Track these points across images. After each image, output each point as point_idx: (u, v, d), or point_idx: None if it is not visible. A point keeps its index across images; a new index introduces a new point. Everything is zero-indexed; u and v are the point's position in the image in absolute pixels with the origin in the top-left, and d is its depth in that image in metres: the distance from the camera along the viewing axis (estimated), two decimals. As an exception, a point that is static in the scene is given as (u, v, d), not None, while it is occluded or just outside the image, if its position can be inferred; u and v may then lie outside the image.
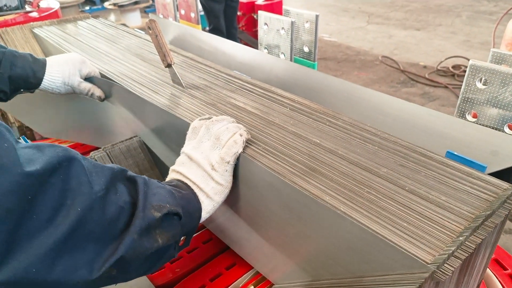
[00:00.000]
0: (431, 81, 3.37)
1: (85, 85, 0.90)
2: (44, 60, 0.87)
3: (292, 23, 1.03)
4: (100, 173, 0.45)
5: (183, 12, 1.50)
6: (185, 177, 0.58)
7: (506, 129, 0.67)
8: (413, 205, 0.47)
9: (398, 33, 4.62)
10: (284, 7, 1.10)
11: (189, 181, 0.57)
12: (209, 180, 0.57)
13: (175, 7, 1.47)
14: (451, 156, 0.60)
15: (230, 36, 3.32)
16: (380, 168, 0.54)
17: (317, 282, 0.54)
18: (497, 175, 0.54)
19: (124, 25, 1.34)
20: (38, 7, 2.39)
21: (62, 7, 2.74)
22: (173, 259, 0.61)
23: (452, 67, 3.48)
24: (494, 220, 0.45)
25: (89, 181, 0.43)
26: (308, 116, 0.68)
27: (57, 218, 0.40)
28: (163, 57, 0.84)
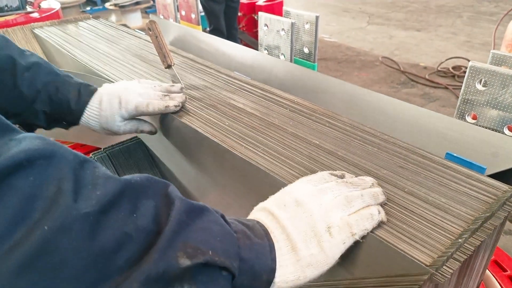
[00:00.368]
0: (431, 82, 3.37)
1: (130, 126, 0.73)
2: (88, 99, 0.71)
3: (292, 24, 1.03)
4: (102, 184, 0.32)
5: (183, 13, 1.51)
6: (277, 223, 0.41)
7: (506, 130, 0.67)
8: (412, 207, 0.47)
9: (399, 33, 4.62)
10: (284, 8, 1.10)
11: (280, 230, 0.40)
12: (313, 243, 0.40)
13: (175, 8, 1.48)
14: (450, 157, 0.60)
15: (230, 36, 3.32)
16: (379, 170, 0.54)
17: (316, 283, 0.54)
18: (497, 176, 0.54)
19: (125, 26, 1.34)
20: (39, 7, 2.40)
21: (63, 7, 2.74)
22: None
23: (452, 68, 3.48)
24: (494, 222, 0.45)
25: (74, 190, 0.30)
26: (308, 117, 0.68)
27: (11, 236, 0.26)
28: (163, 58, 0.84)
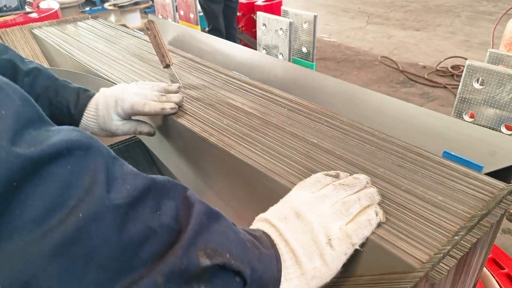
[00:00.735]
0: (430, 81, 3.38)
1: (128, 127, 0.73)
2: (86, 102, 0.71)
3: (291, 24, 1.03)
4: (131, 180, 0.33)
5: (182, 12, 1.51)
6: (280, 236, 0.41)
7: (503, 129, 0.68)
8: (410, 205, 0.47)
9: (398, 33, 4.62)
10: (282, 7, 1.10)
11: (284, 244, 0.41)
12: (315, 256, 0.41)
13: (174, 7, 1.48)
14: (448, 156, 0.60)
15: (229, 36, 3.33)
16: (377, 168, 0.54)
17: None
18: (494, 174, 0.54)
19: (124, 26, 1.34)
20: (38, 7, 2.40)
21: (62, 7, 2.74)
22: None
23: (451, 67, 3.49)
24: (490, 219, 0.45)
25: (107, 182, 0.31)
26: (306, 117, 0.69)
27: (47, 221, 0.28)
28: (161, 57, 0.84)
